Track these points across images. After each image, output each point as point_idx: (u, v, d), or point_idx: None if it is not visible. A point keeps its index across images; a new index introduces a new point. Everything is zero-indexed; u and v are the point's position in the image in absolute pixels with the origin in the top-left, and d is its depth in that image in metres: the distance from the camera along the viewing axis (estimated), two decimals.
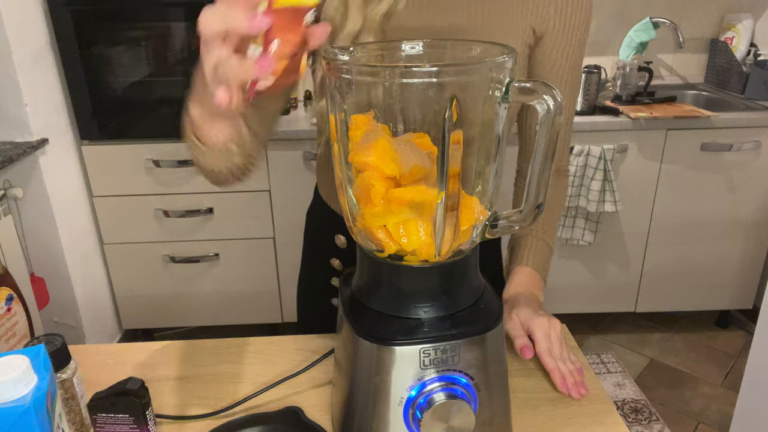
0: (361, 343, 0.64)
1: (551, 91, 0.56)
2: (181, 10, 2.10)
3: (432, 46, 0.73)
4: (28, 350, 0.56)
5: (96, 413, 0.69)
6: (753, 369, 1.57)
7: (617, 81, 2.37)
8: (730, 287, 2.46)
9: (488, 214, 0.64)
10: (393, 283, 0.65)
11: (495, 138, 0.62)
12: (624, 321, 2.67)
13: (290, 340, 0.94)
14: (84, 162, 2.22)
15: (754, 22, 2.56)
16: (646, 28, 2.39)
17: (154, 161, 2.19)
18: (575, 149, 2.17)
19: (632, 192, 2.27)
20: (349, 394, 0.68)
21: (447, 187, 0.56)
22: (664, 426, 2.06)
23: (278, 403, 0.80)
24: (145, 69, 2.19)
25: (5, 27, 1.82)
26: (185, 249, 2.33)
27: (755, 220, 2.34)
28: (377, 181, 0.60)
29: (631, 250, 2.39)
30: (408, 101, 0.62)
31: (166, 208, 2.26)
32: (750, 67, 2.44)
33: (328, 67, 0.61)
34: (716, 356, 2.44)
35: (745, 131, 2.19)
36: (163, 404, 0.81)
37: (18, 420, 0.50)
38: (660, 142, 2.21)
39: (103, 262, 2.37)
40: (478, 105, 0.60)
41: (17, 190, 1.98)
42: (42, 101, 2.01)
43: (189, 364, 0.90)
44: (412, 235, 0.61)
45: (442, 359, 0.63)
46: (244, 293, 2.40)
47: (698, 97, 2.60)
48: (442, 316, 0.64)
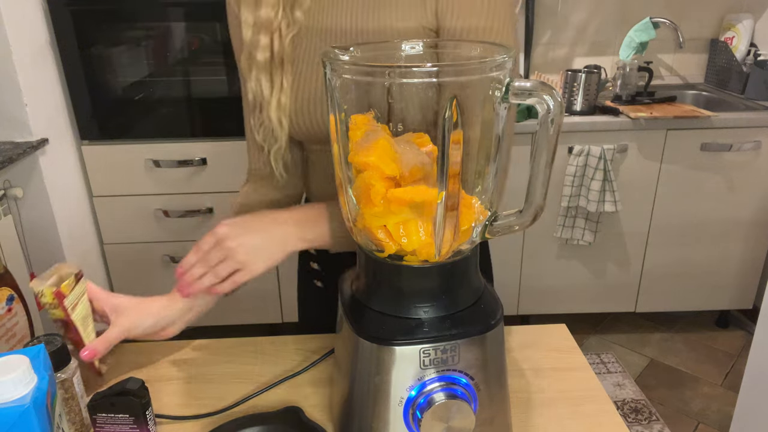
0: (361, 343, 0.64)
1: (551, 91, 0.56)
2: (181, 10, 2.10)
3: (432, 46, 0.73)
4: (28, 350, 0.56)
5: (96, 413, 0.69)
6: (753, 369, 1.57)
7: (617, 81, 2.38)
8: (730, 287, 2.46)
9: (488, 214, 0.64)
10: (393, 283, 0.65)
11: (495, 138, 0.62)
12: (624, 321, 2.67)
13: (290, 340, 0.94)
14: (84, 162, 2.22)
15: (754, 22, 2.56)
16: (646, 28, 2.39)
17: (154, 161, 2.19)
18: (575, 149, 2.17)
19: (632, 192, 2.27)
20: (349, 394, 0.68)
21: (447, 187, 0.56)
22: (664, 426, 2.06)
23: (278, 403, 0.80)
24: (145, 69, 2.19)
25: (5, 27, 1.82)
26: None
27: (755, 220, 2.34)
28: (377, 181, 0.60)
29: (631, 250, 2.39)
30: (408, 101, 0.62)
31: (166, 208, 2.26)
32: (750, 67, 2.44)
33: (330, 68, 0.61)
34: (716, 356, 2.44)
35: (745, 131, 2.19)
36: (163, 404, 0.81)
37: (18, 420, 0.50)
38: (660, 142, 2.21)
39: (103, 262, 2.37)
40: (478, 105, 0.60)
41: (17, 190, 1.98)
42: (42, 101, 2.01)
43: (189, 364, 0.90)
44: (412, 235, 0.61)
45: (442, 359, 0.63)
46: (244, 293, 2.38)
47: (698, 97, 2.60)
48: (442, 316, 0.64)
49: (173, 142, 2.17)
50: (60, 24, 2.03)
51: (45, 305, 0.77)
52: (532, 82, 0.57)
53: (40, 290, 0.75)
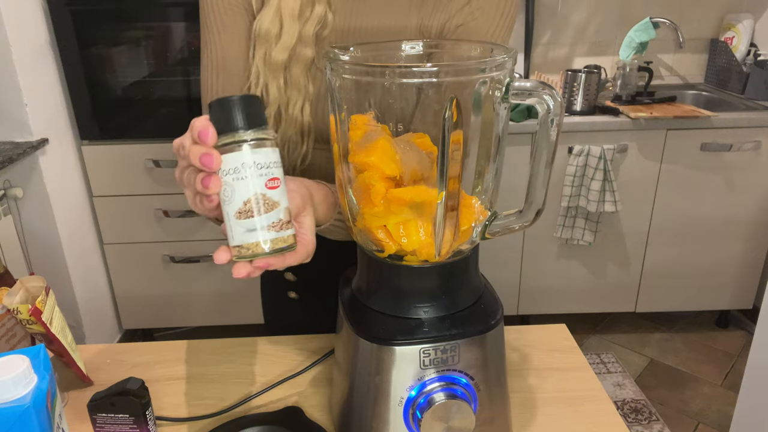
0: (361, 343, 0.64)
1: (551, 91, 0.56)
2: (181, 10, 2.10)
3: (432, 46, 0.73)
4: (28, 350, 0.56)
5: (96, 413, 0.69)
6: (753, 369, 1.57)
7: (617, 81, 2.38)
8: (730, 287, 2.46)
9: (488, 214, 0.64)
10: (393, 283, 0.65)
11: (495, 138, 0.62)
12: (624, 321, 2.67)
13: (290, 340, 0.94)
14: (84, 162, 2.22)
15: (754, 22, 2.56)
16: (646, 28, 2.39)
17: (154, 161, 2.19)
18: (575, 149, 2.17)
19: (632, 192, 2.27)
20: (349, 394, 0.68)
21: (447, 187, 0.56)
22: (664, 426, 2.06)
23: (278, 403, 0.80)
24: (144, 69, 2.19)
25: (5, 27, 1.82)
26: (185, 249, 2.33)
27: (755, 220, 2.34)
28: (377, 181, 0.60)
29: (631, 250, 2.39)
30: (408, 101, 0.62)
31: (166, 208, 2.26)
32: (750, 67, 2.44)
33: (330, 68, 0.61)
34: (716, 356, 2.44)
35: (745, 131, 2.19)
36: (163, 404, 0.81)
37: (18, 420, 0.50)
38: (660, 142, 2.21)
39: (103, 262, 2.37)
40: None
41: (17, 190, 1.98)
42: (42, 101, 2.01)
43: (189, 364, 0.90)
44: (412, 235, 0.60)
45: (442, 359, 0.63)
46: (244, 293, 2.40)
47: (698, 97, 2.60)
48: (442, 316, 0.64)
49: (173, 142, 2.17)
50: (60, 24, 2.03)
51: (22, 321, 0.77)
52: (532, 82, 0.57)
53: (15, 307, 0.75)
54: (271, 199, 0.53)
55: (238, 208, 0.52)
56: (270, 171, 0.53)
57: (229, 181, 0.52)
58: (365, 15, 0.79)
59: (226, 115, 0.52)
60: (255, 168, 0.52)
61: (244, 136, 0.52)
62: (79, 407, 0.79)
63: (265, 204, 0.52)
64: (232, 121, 0.52)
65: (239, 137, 0.52)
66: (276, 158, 0.53)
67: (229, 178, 0.52)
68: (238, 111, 0.52)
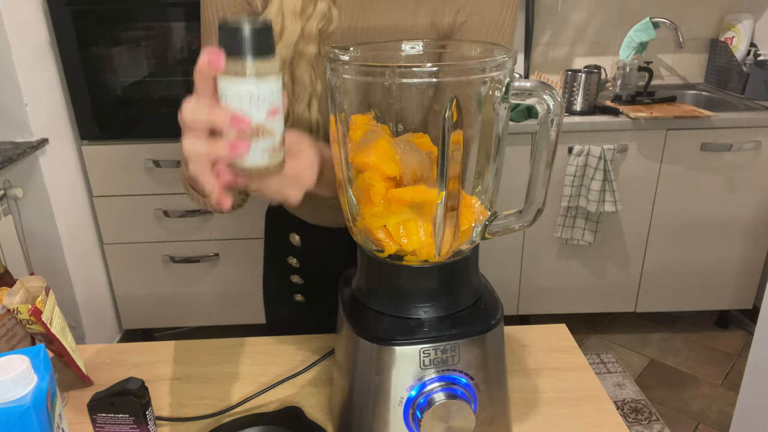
0: (361, 343, 0.64)
1: (551, 91, 0.56)
2: (181, 10, 2.10)
3: (432, 46, 0.73)
4: (28, 350, 0.56)
5: (96, 413, 0.69)
6: (753, 369, 1.57)
7: (617, 81, 2.38)
8: (730, 287, 2.46)
9: (488, 214, 0.64)
10: (393, 283, 0.65)
11: (495, 138, 0.62)
12: (624, 321, 2.67)
13: (290, 340, 0.94)
14: (84, 162, 2.22)
15: (754, 22, 2.56)
16: (646, 28, 2.39)
17: (154, 161, 2.19)
18: (575, 149, 2.17)
19: (632, 192, 2.27)
20: (348, 394, 0.68)
21: (447, 187, 0.56)
22: (664, 426, 2.06)
23: (278, 403, 0.80)
24: (144, 69, 2.19)
25: (5, 27, 1.82)
26: (185, 249, 2.33)
27: (755, 220, 2.34)
28: (377, 181, 0.60)
29: (631, 250, 2.39)
30: (408, 101, 0.62)
31: (166, 208, 2.26)
32: (750, 67, 2.44)
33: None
34: (716, 356, 2.44)
35: (745, 131, 2.19)
36: (163, 404, 0.81)
37: (18, 420, 0.50)
38: (660, 142, 2.21)
39: (103, 262, 2.37)
40: (478, 105, 0.60)
41: (17, 190, 1.98)
42: (42, 101, 2.01)
43: (189, 364, 0.90)
44: (412, 235, 0.60)
45: (442, 359, 0.63)
46: (244, 293, 2.39)
47: (698, 97, 2.60)
48: (442, 316, 0.64)
49: (173, 142, 2.16)
50: (60, 24, 2.03)
51: (22, 321, 0.77)
52: (532, 82, 0.57)
53: (15, 307, 0.75)
54: (269, 128, 0.54)
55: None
56: (273, 100, 0.54)
57: (233, 106, 0.53)
58: (373, 13, 0.78)
59: (236, 42, 0.52)
60: (258, 98, 0.53)
61: (252, 68, 0.52)
62: (79, 407, 0.79)
63: (262, 133, 0.54)
64: (240, 48, 0.52)
65: (247, 68, 0.52)
66: (278, 88, 0.54)
67: (232, 104, 0.53)
68: (248, 39, 0.52)
